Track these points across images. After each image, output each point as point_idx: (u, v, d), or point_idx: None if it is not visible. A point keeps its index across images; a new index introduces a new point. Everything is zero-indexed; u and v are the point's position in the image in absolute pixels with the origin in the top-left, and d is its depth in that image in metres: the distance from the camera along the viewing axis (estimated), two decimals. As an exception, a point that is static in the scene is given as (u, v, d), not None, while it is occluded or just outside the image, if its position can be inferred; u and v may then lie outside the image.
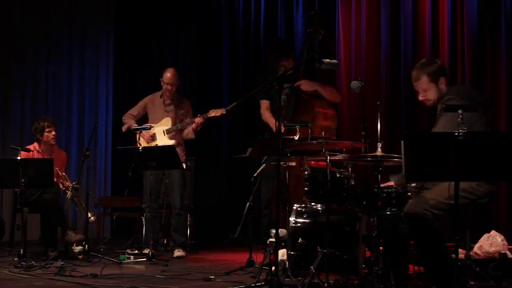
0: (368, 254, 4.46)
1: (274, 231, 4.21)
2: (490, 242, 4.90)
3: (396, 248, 4.07)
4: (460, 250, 3.98)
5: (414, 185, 4.09)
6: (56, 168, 6.05)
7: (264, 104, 6.41)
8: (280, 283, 3.95)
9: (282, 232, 4.53)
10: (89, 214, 6.04)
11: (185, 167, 6.32)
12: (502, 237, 4.96)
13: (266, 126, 6.36)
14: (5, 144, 7.93)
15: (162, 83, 6.53)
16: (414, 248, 4.05)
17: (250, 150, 5.27)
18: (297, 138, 4.77)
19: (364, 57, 7.34)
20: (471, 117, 3.70)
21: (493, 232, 5.02)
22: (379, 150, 4.04)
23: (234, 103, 5.70)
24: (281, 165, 4.33)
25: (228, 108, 6.08)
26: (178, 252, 6.25)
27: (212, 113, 6.21)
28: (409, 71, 4.26)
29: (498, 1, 6.53)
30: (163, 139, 6.42)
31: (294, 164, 5.34)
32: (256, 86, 6.27)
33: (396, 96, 7.07)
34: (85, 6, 9.02)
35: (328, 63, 4.37)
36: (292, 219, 4.64)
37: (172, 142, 6.31)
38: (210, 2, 8.86)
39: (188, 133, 6.45)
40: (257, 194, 5.59)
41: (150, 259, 5.70)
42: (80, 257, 5.83)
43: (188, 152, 6.74)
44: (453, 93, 3.97)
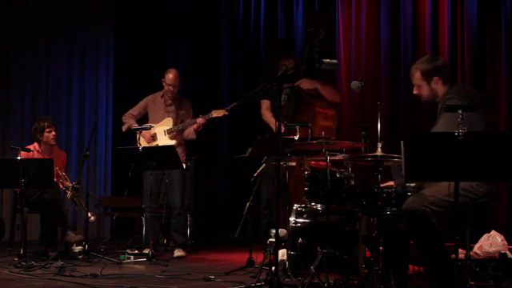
0: (368, 253, 4.46)
1: (273, 231, 4.21)
2: (490, 242, 4.89)
3: (396, 248, 4.07)
4: (460, 250, 3.97)
5: (414, 185, 4.09)
6: (56, 168, 6.05)
7: (265, 104, 6.41)
8: (280, 283, 3.95)
9: (282, 232, 4.53)
10: (89, 214, 6.03)
11: (185, 167, 6.33)
12: (502, 237, 4.96)
13: (267, 126, 6.36)
14: (5, 144, 7.93)
15: (163, 84, 6.52)
16: (414, 248, 4.05)
17: (250, 149, 5.27)
18: (297, 137, 4.77)
19: (364, 57, 7.34)
20: (471, 116, 3.71)
21: (493, 232, 5.01)
22: (379, 149, 4.04)
23: (234, 103, 5.70)
24: (281, 165, 4.33)
25: (228, 108, 6.09)
26: (178, 252, 6.25)
27: (214, 113, 6.21)
28: (409, 71, 4.27)
29: (498, 1, 6.53)
30: (164, 139, 6.41)
31: (293, 164, 5.34)
32: (257, 86, 6.27)
33: (396, 96, 7.06)
34: (85, 5, 9.01)
35: (328, 63, 4.37)
36: (292, 219, 4.64)
37: (173, 142, 6.31)
38: (210, 2, 8.85)
39: (189, 133, 6.45)
40: (257, 194, 5.58)
41: (149, 259, 5.70)
42: (80, 257, 5.83)
43: (188, 152, 6.74)
44: (453, 92, 3.98)
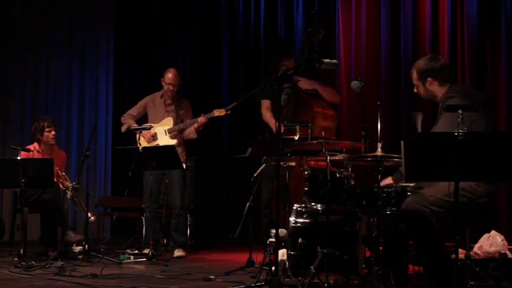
0: (368, 253, 4.46)
1: (274, 231, 4.20)
2: (490, 242, 4.89)
3: (396, 248, 4.07)
4: (460, 250, 3.97)
5: (413, 184, 4.09)
6: (56, 168, 6.05)
7: (265, 104, 6.40)
8: (280, 283, 3.94)
9: (282, 232, 4.53)
10: (89, 214, 6.03)
11: (185, 167, 6.33)
12: (502, 237, 4.96)
13: (267, 126, 6.35)
14: (5, 144, 7.93)
15: (162, 83, 6.52)
16: (414, 248, 4.05)
17: (250, 149, 5.26)
18: (297, 137, 4.77)
19: (364, 57, 7.34)
20: (471, 116, 3.71)
21: (493, 232, 5.01)
22: (379, 149, 4.04)
23: (234, 103, 5.69)
24: (281, 165, 4.33)
25: (228, 108, 6.09)
26: (178, 252, 6.25)
27: (216, 112, 6.21)
28: (409, 71, 4.29)
29: (498, 1, 6.53)
30: (165, 139, 6.42)
31: (293, 164, 5.34)
32: (257, 86, 6.26)
33: (396, 96, 7.06)
34: (85, 5, 9.01)
35: (328, 63, 4.36)
36: (292, 219, 4.64)
37: (174, 142, 6.31)
38: (210, 2, 8.86)
39: (190, 132, 6.45)
40: (257, 193, 5.58)
41: (149, 259, 5.69)
42: (80, 257, 5.83)
43: (188, 152, 6.74)
44: (453, 92, 3.99)
